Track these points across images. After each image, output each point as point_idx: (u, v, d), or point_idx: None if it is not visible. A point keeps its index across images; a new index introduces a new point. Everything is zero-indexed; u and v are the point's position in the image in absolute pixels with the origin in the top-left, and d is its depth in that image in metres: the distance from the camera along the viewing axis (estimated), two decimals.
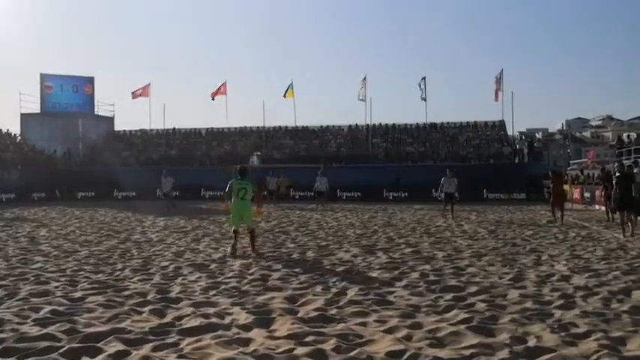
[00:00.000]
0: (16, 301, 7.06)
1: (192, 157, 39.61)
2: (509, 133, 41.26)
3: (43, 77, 44.65)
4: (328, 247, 12.31)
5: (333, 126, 43.47)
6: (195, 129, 45.10)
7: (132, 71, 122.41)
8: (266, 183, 29.58)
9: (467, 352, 5.00)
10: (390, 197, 32.74)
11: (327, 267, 9.62)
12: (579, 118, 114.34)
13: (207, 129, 44.81)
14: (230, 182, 11.80)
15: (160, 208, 23.75)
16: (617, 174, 14.51)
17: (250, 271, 9.21)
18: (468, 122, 42.07)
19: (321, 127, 43.54)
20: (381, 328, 5.78)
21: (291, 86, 43.69)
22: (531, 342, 5.30)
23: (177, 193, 28.45)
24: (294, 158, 37.28)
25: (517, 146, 39.28)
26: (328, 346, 5.16)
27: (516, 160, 36.33)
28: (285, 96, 43.67)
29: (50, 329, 5.67)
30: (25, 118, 44.33)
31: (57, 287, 7.94)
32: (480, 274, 8.86)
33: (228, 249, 11.38)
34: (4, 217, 21.39)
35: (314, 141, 41.18)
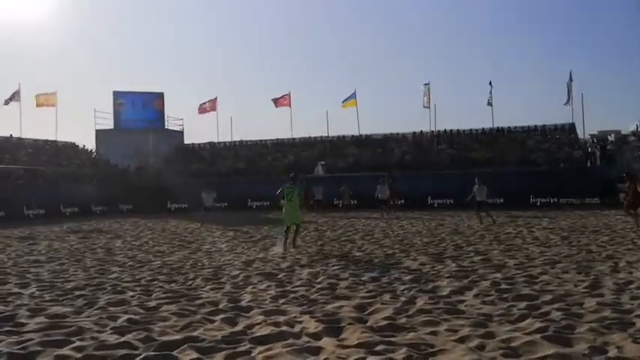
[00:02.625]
0: (95, 310, 7.36)
1: (259, 168, 40.20)
2: (580, 136, 39.82)
3: (116, 94, 46.50)
4: (395, 255, 12.22)
5: (397, 133, 43.18)
6: (261, 140, 45.82)
7: (200, 85, 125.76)
8: (312, 192, 29.87)
9: None
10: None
11: (395, 275, 9.55)
12: None
13: (273, 140, 45.44)
14: (282, 187, 13.87)
15: (222, 219, 24.13)
16: None
17: (318, 280, 9.26)
18: (536, 126, 40.92)
19: (385, 135, 43.34)
20: (453, 338, 5.69)
21: (353, 95, 43.79)
22: (612, 352, 5.09)
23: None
24: (358, 167, 37.23)
25: (589, 149, 37.88)
26: (399, 355, 5.13)
27: (588, 164, 35.07)
28: (344, 104, 43.82)
29: (127, 337, 5.87)
30: (100, 134, 46.22)
31: (133, 296, 8.22)
32: (554, 282, 8.59)
33: (279, 247, 13.30)
34: (82, 229, 22.31)
35: (378, 149, 41.02)
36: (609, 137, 42.60)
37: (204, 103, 47.15)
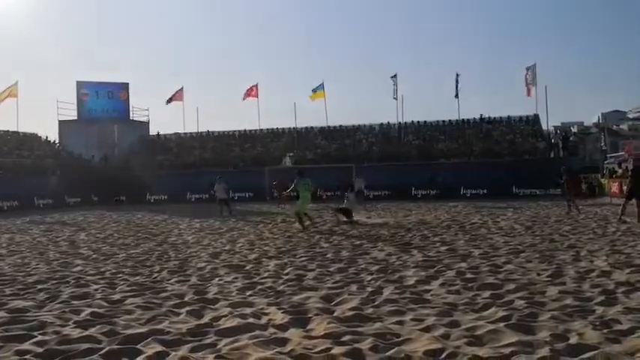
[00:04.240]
0: (58, 303, 7.21)
1: (226, 159, 39.93)
2: (544, 127, 40.51)
3: (80, 85, 45.61)
4: (362, 245, 12.28)
5: (365, 125, 43.32)
6: (228, 132, 45.47)
7: (165, 76, 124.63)
8: (286, 184, 30.11)
9: (506, 350, 4.92)
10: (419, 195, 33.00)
11: (362, 266, 9.59)
12: (616, 110, 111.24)
13: (240, 131, 45.12)
14: (296, 181, 16.76)
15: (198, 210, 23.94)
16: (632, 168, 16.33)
17: (285, 271, 9.24)
18: (501, 117, 41.46)
19: (353, 126, 43.44)
20: (418, 327, 5.73)
21: (321, 86, 43.71)
22: (573, 339, 5.19)
23: (206, 196, 28.74)
24: (326, 158, 37.25)
25: (552, 141, 38.55)
26: (365, 345, 5.14)
27: (551, 155, 35.70)
28: (312, 96, 43.70)
29: (91, 331, 5.77)
30: (63, 125, 45.34)
31: (97, 290, 8.08)
32: (517, 271, 8.73)
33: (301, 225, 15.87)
34: (45, 221, 21.87)
35: (346, 141, 41.11)
36: (572, 129, 43.43)
37: (170, 97, 46.51)
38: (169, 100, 46.31)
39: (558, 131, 42.72)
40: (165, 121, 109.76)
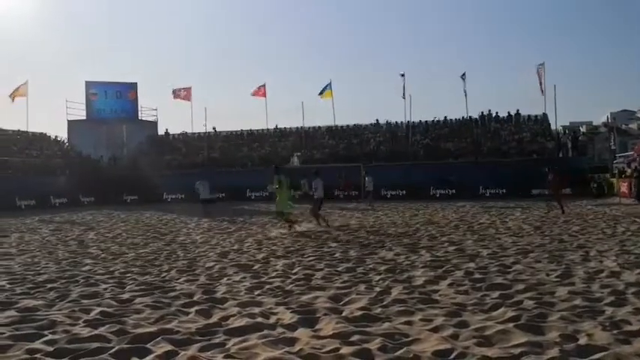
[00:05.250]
0: (67, 302, 7.24)
1: (234, 159, 39.97)
2: (553, 127, 40.23)
3: (88, 85, 45.78)
4: (370, 245, 12.26)
5: (372, 124, 43.27)
6: (235, 131, 45.48)
7: (174, 76, 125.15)
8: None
9: (516, 351, 4.91)
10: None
11: (370, 266, 9.58)
12: (625, 110, 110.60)
13: (248, 131, 45.14)
14: (275, 178, 15.83)
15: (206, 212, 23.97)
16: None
17: (294, 271, 9.25)
18: (509, 113, 41.15)
19: (360, 125, 43.39)
20: (427, 327, 5.72)
21: (329, 86, 43.67)
22: (582, 340, 5.17)
23: (221, 195, 28.90)
24: (334, 158, 37.21)
25: (561, 140, 38.32)
26: (374, 345, 5.14)
27: (560, 155, 35.47)
28: (321, 96, 43.66)
29: (100, 330, 5.80)
30: (72, 124, 45.54)
31: (106, 289, 8.11)
32: (526, 272, 8.69)
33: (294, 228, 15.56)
34: (54, 220, 21.97)
35: (353, 140, 41.05)
36: (581, 128, 43.12)
37: (179, 90, 46.51)
38: (177, 95, 46.26)
39: (567, 131, 42.44)
40: (173, 121, 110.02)
